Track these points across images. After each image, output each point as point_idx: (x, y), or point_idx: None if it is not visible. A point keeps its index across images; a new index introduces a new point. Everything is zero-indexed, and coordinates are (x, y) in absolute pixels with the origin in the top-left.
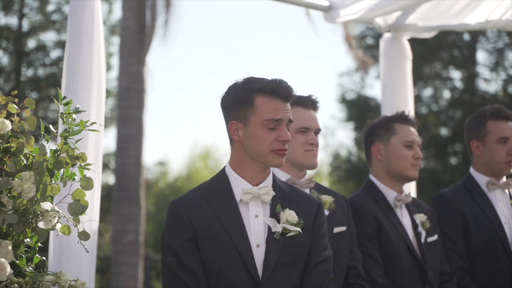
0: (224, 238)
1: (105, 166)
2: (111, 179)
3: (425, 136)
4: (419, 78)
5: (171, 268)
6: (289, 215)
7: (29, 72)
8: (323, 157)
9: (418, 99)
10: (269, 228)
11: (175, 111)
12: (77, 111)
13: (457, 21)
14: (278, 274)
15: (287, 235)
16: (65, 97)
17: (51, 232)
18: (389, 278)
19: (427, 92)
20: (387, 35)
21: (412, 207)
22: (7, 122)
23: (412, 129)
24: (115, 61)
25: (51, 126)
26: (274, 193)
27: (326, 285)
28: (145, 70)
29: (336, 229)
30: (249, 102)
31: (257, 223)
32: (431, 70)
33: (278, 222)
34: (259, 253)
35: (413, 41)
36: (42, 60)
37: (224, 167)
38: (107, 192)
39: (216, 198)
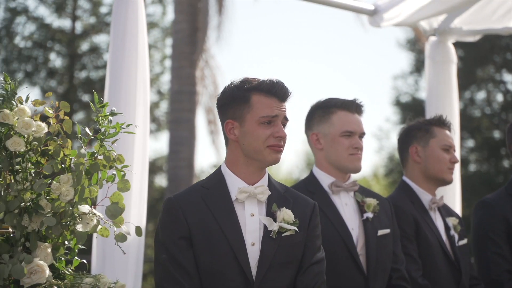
0: (218, 236)
1: (159, 169)
2: (164, 182)
3: (478, 139)
4: (472, 81)
5: (164, 265)
6: (286, 214)
7: (82, 75)
8: (377, 160)
9: (471, 102)
10: (265, 227)
11: None
12: (113, 114)
13: (501, 25)
14: (272, 274)
15: (283, 234)
16: (101, 100)
17: (94, 235)
18: (426, 279)
19: (480, 95)
20: (432, 38)
21: (443, 211)
22: (43, 124)
23: (449, 133)
24: (168, 62)
25: (87, 129)
26: (270, 192)
27: (319, 287)
28: (197, 73)
29: (380, 232)
30: (245, 100)
31: (252, 221)
32: (484, 73)
33: (274, 221)
34: (254, 252)
35: (466, 45)
36: (95, 62)
37: (220, 166)
38: (160, 195)
39: (212, 196)
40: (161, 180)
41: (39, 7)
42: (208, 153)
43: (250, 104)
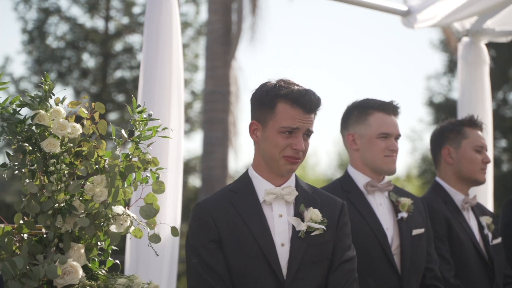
0: (248, 238)
1: (193, 169)
2: (198, 182)
3: (510, 139)
4: (504, 81)
5: (196, 269)
6: (313, 213)
7: (116, 75)
8: (411, 160)
9: (504, 102)
10: (293, 227)
11: None
12: (150, 119)
13: None
14: (302, 274)
15: (312, 233)
16: (139, 105)
17: (127, 236)
18: (459, 279)
19: None
20: (465, 39)
21: (477, 210)
22: (78, 126)
23: (481, 134)
24: (202, 62)
25: (122, 131)
26: (297, 193)
27: (350, 285)
28: (232, 73)
29: (415, 231)
30: (271, 106)
31: (281, 222)
32: None
33: (302, 221)
34: (283, 253)
35: (498, 45)
36: (129, 63)
37: (247, 169)
38: (194, 195)
39: (240, 199)
40: (195, 181)
41: (71, 7)
42: (243, 153)
43: (275, 111)
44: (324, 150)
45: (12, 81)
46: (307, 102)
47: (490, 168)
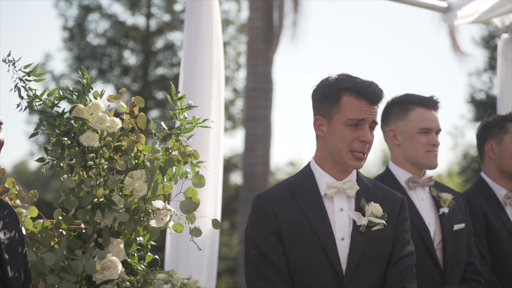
0: (308, 231)
1: (234, 167)
2: (239, 180)
3: None
4: None
5: (254, 261)
6: (374, 208)
7: (157, 72)
8: (452, 157)
9: None
10: (354, 222)
11: (304, 111)
12: (190, 107)
13: None
14: (362, 268)
15: (372, 228)
16: (178, 92)
17: (167, 231)
18: (496, 275)
19: None
20: (504, 35)
21: None
22: (117, 120)
23: None
24: (244, 60)
25: (162, 123)
26: (358, 188)
27: (408, 280)
28: (273, 70)
29: (456, 226)
30: (336, 100)
31: (341, 216)
32: None
33: (363, 215)
34: (343, 247)
35: None
36: (170, 60)
37: (309, 162)
38: (235, 193)
39: (301, 192)
40: (236, 178)
41: (112, 4)
42: (284, 150)
43: (340, 104)
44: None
45: (53, 78)
46: (371, 93)
47: None
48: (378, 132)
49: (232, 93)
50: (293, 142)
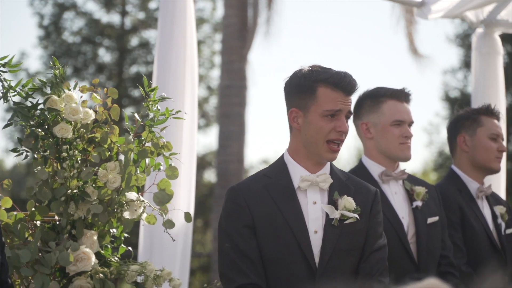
0: (282, 224)
1: (208, 164)
2: (213, 177)
3: None
4: None
5: (228, 254)
6: (347, 201)
7: (132, 70)
8: (427, 154)
9: None
10: (327, 215)
11: (279, 108)
12: (163, 98)
13: None
14: (335, 261)
15: (345, 222)
16: (150, 84)
17: (141, 223)
18: (471, 267)
19: None
20: (479, 30)
21: (491, 199)
22: (91, 111)
23: (497, 122)
24: (218, 58)
25: (136, 115)
26: (332, 181)
27: (381, 273)
28: (247, 67)
29: (430, 220)
30: (311, 91)
31: (314, 209)
32: None
33: (336, 209)
34: (316, 240)
35: None
36: (144, 58)
37: (283, 154)
38: (209, 190)
39: (274, 185)
40: (210, 176)
41: (87, 2)
42: (258, 147)
43: (316, 96)
44: (345, 146)
45: (28, 75)
46: (347, 84)
47: (503, 162)
48: (351, 128)
49: (206, 91)
50: (267, 140)
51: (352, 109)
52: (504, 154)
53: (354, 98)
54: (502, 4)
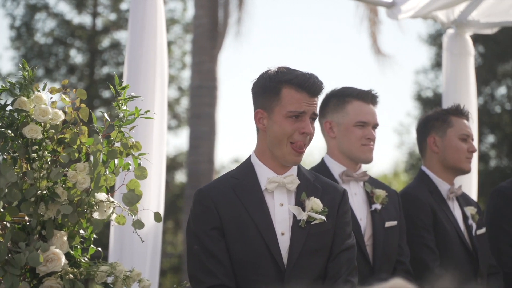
0: (250, 226)
1: (179, 165)
2: (184, 178)
3: (498, 135)
4: (492, 77)
5: (197, 256)
6: (314, 203)
7: (103, 71)
8: (398, 155)
9: (491, 97)
10: (294, 216)
11: (249, 109)
12: (132, 97)
13: None
14: (302, 262)
15: (312, 223)
16: (121, 81)
17: (111, 225)
18: (443, 269)
19: (501, 91)
20: (450, 31)
21: (462, 200)
22: (60, 112)
23: (467, 123)
24: (189, 59)
25: (105, 114)
26: (299, 182)
27: (350, 273)
28: (217, 68)
29: (388, 224)
30: (276, 92)
31: (282, 211)
32: (505, 69)
33: (303, 210)
34: (284, 241)
35: (486, 41)
36: (116, 59)
37: (250, 156)
38: (180, 191)
39: (242, 186)
40: (182, 176)
41: (59, 3)
42: (229, 148)
43: (280, 97)
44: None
45: (0, 77)
46: (311, 85)
47: (475, 162)
48: (319, 133)
49: (177, 91)
50: (238, 140)
51: (317, 110)
52: (476, 155)
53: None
54: (473, 4)
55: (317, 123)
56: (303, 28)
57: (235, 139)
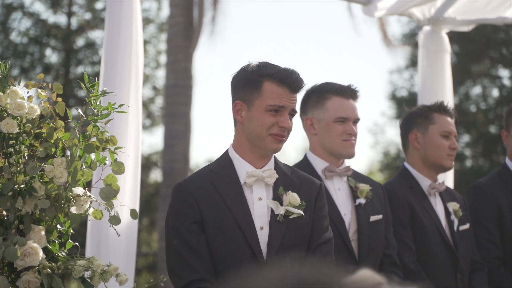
0: (229, 220)
1: (154, 164)
2: (159, 177)
3: (473, 134)
4: (467, 76)
5: (177, 250)
6: (292, 197)
7: (78, 70)
8: (373, 155)
9: (466, 97)
10: (272, 210)
11: (224, 108)
12: (104, 93)
13: (495, 14)
14: (282, 256)
15: (290, 217)
16: (91, 79)
17: (88, 220)
18: (421, 265)
19: (476, 90)
20: (426, 28)
21: (445, 196)
22: (36, 106)
23: (450, 120)
24: (164, 58)
25: (79, 110)
26: (277, 176)
27: None
28: (193, 67)
29: (373, 218)
30: (257, 85)
31: (260, 205)
32: (480, 68)
33: (281, 204)
34: (263, 236)
35: (461, 40)
36: (91, 58)
37: (227, 149)
38: (155, 190)
39: (221, 181)
40: (156, 175)
41: (34, 2)
42: (204, 147)
43: (261, 90)
44: (292, 146)
45: None
46: (293, 81)
47: None
48: (300, 131)
49: (152, 91)
50: (213, 139)
51: (296, 107)
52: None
53: (300, 96)
54: (449, 1)
55: (298, 120)
56: (278, 26)
57: (211, 138)
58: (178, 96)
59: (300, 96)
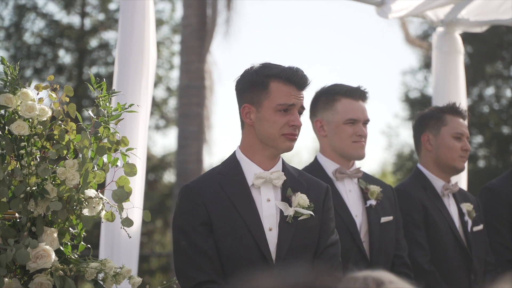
0: (238, 222)
1: (168, 165)
2: (173, 178)
3: (486, 135)
4: (481, 77)
5: (185, 252)
6: (301, 198)
7: (91, 71)
8: (387, 156)
9: (480, 98)
10: (281, 212)
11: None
12: (113, 93)
13: (508, 16)
14: (291, 257)
15: (299, 218)
16: (97, 80)
17: (101, 222)
18: (435, 265)
19: (489, 91)
20: (439, 29)
21: (459, 197)
22: (47, 108)
23: (462, 121)
24: (177, 60)
25: (90, 112)
26: (285, 177)
27: (335, 269)
28: (206, 67)
29: (383, 219)
30: (264, 86)
31: (269, 207)
32: (493, 69)
33: (290, 205)
34: (272, 237)
35: (474, 41)
36: (104, 59)
37: (235, 151)
38: (169, 191)
39: (229, 182)
40: (170, 176)
41: (48, 3)
42: (217, 147)
43: (268, 90)
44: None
45: None
46: (299, 78)
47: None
48: (311, 132)
49: (166, 92)
50: (225, 139)
51: (304, 104)
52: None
53: (306, 94)
54: (462, 3)
55: (308, 122)
56: (293, 25)
57: (225, 139)
58: (191, 97)
59: (307, 95)
